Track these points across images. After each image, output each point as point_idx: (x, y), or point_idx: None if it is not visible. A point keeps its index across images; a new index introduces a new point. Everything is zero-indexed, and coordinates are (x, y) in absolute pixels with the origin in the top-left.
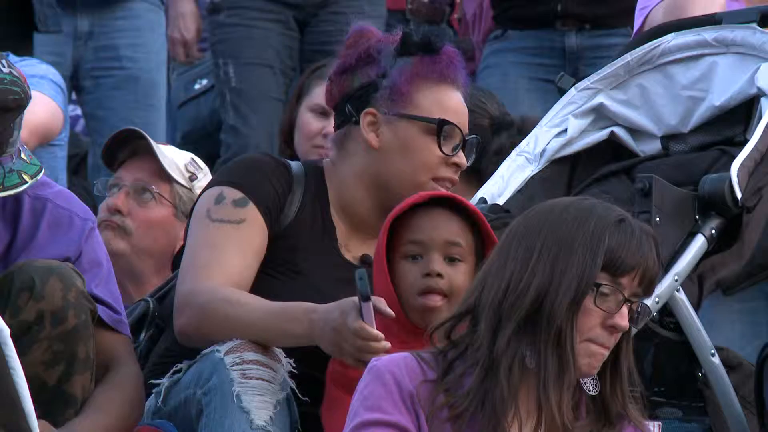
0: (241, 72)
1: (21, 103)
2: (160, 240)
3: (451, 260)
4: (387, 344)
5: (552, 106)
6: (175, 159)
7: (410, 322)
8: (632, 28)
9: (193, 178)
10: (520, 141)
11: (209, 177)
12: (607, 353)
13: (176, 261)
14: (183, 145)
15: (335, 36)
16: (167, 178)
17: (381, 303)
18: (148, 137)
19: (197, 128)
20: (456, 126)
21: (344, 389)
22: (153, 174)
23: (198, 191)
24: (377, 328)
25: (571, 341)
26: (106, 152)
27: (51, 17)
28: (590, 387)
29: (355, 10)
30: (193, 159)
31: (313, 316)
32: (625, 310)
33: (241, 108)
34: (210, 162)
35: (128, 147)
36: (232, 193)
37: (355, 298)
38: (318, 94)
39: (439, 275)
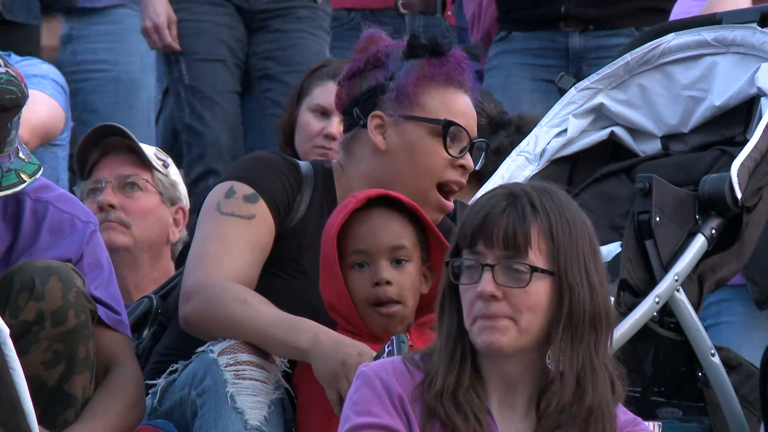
0: (193, 69)
1: (18, 102)
2: (155, 228)
3: (398, 262)
4: None
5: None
6: (146, 149)
7: (369, 332)
8: (635, 29)
9: (165, 165)
10: (519, 140)
11: (174, 166)
12: (498, 323)
13: (180, 259)
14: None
15: (275, 53)
16: (147, 166)
17: None
18: (125, 130)
19: None
20: (463, 128)
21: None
22: (132, 165)
23: (173, 177)
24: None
25: (454, 326)
26: (80, 156)
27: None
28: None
29: (296, 35)
30: (157, 149)
31: (321, 337)
32: (486, 275)
33: (195, 106)
34: None
35: (97, 149)
36: (243, 188)
37: (380, 350)
38: (318, 95)
39: (388, 283)
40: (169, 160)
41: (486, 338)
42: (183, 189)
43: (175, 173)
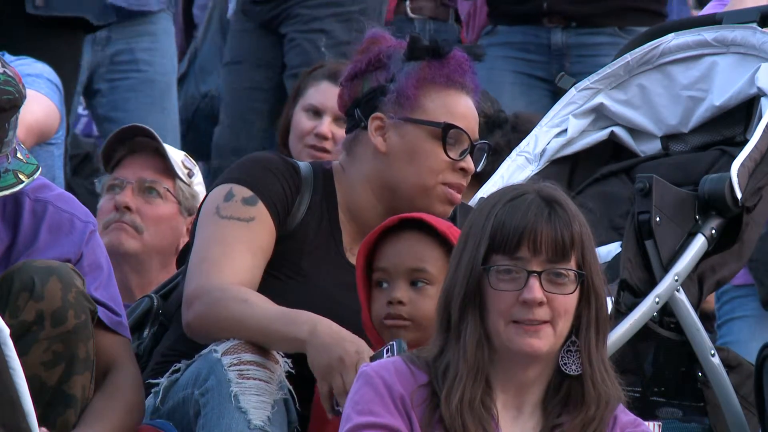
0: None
1: (15, 103)
2: (167, 236)
3: (417, 284)
4: None
5: (535, 100)
6: (174, 155)
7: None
8: (619, 28)
9: (190, 174)
10: (515, 138)
11: (200, 175)
12: (540, 329)
13: (180, 259)
14: None
15: (285, 58)
16: (171, 174)
17: None
18: (154, 134)
19: None
20: (463, 131)
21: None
22: (157, 171)
23: (196, 187)
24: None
25: (478, 331)
26: (106, 151)
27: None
28: (572, 368)
29: (290, 37)
30: (186, 156)
31: (319, 328)
32: (533, 282)
33: (218, 110)
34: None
35: (125, 146)
36: (242, 191)
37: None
38: (311, 95)
39: (400, 302)
40: (196, 169)
41: (525, 342)
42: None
43: (198, 183)
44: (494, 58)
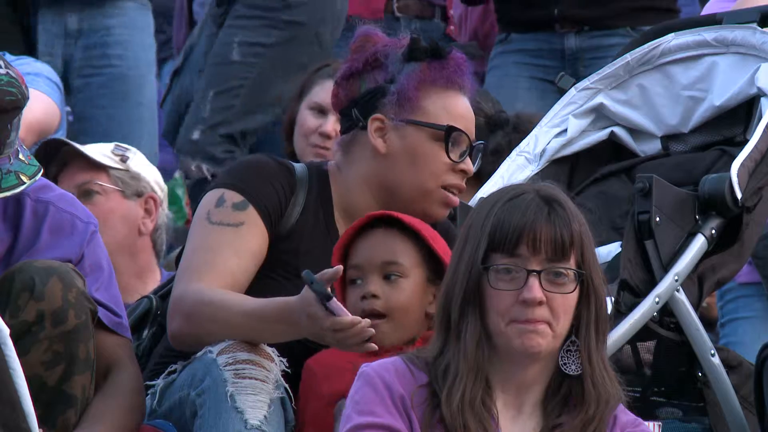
0: None
1: (17, 104)
2: (121, 228)
3: (390, 278)
4: (366, 321)
5: (550, 105)
6: (99, 149)
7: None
8: (631, 28)
9: (124, 159)
10: (517, 139)
11: (139, 155)
12: (539, 327)
13: (179, 259)
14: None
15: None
16: (101, 168)
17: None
18: (64, 139)
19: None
20: (464, 132)
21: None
22: (86, 172)
23: (135, 169)
24: None
25: (478, 330)
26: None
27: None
28: (571, 367)
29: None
30: (116, 144)
31: (284, 315)
32: (533, 281)
33: None
34: None
35: (55, 162)
36: (233, 196)
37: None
38: (317, 93)
39: (374, 296)
40: (129, 153)
41: (526, 342)
42: (151, 176)
43: (138, 164)
44: (508, 64)
